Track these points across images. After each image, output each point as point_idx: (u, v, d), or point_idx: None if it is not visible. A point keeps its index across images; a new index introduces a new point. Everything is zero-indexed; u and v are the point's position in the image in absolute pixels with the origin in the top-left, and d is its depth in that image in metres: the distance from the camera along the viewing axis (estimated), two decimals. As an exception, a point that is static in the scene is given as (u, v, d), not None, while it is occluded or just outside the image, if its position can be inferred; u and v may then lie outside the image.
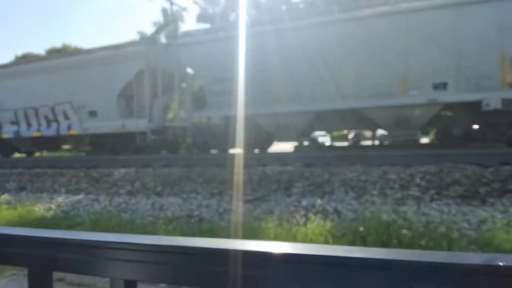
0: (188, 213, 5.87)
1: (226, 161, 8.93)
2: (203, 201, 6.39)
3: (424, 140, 19.96)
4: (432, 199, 5.45)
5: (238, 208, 5.84)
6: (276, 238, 4.01)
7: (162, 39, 14.19)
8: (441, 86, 8.80)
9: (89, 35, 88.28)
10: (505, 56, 8.31)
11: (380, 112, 9.53)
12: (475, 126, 9.18)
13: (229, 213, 5.71)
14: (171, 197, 6.98)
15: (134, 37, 20.92)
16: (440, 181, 5.90)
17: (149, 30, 22.53)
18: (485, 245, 3.23)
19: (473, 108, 8.65)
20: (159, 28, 22.30)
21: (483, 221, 4.33)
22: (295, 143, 12.13)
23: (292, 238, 3.87)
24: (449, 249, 3.12)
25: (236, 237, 4.22)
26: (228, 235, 4.35)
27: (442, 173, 6.18)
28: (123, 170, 8.91)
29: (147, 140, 11.90)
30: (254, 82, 9.97)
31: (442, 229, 3.52)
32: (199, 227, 4.97)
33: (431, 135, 18.63)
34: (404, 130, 9.60)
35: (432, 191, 5.67)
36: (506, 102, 8.15)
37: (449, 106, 9.06)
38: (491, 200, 5.20)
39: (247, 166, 8.15)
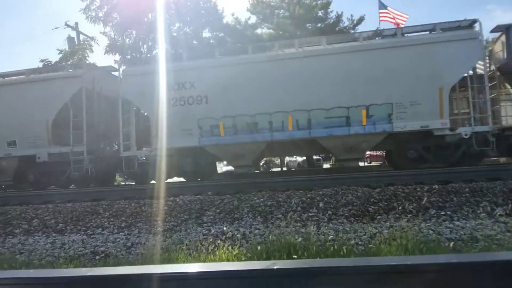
0: (92, 250, 5.57)
1: (136, 193, 8.73)
2: (110, 236, 6.12)
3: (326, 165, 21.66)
4: (329, 219, 6.02)
5: (147, 240, 5.73)
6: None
7: (67, 68, 13.55)
8: None
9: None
10: None
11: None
12: None
13: (137, 246, 5.57)
14: (74, 234, 6.54)
15: (37, 65, 19.35)
16: (336, 202, 6.55)
17: (54, 58, 21.17)
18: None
19: None
20: (65, 56, 21.05)
21: (372, 237, 4.93)
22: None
23: (200, 265, 3.97)
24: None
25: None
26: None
27: (338, 195, 6.88)
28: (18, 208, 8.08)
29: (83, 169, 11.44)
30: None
31: (334, 246, 3.95)
32: (104, 263, 4.77)
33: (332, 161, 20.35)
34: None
35: (330, 212, 6.27)
36: None
37: None
38: (379, 217, 5.92)
39: (157, 197, 8.06)
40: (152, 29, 19.69)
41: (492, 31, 11.94)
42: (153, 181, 11.25)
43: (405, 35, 11.04)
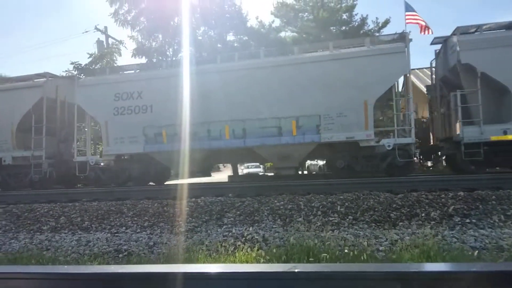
0: (116, 248, 5.74)
1: (159, 193, 8.91)
2: (133, 235, 6.29)
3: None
4: (350, 224, 5.97)
5: (169, 240, 5.85)
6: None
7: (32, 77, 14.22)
8: None
9: (23, 63, 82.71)
10: None
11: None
12: None
13: (159, 246, 5.70)
14: (99, 232, 6.75)
15: (68, 67, 20.13)
16: (357, 207, 6.48)
17: (84, 61, 21.95)
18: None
19: None
20: (94, 60, 21.76)
21: (394, 243, 4.86)
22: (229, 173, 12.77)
23: (220, 266, 4.03)
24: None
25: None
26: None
27: (359, 199, 6.80)
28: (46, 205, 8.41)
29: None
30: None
31: (355, 252, 3.92)
32: (127, 261, 4.91)
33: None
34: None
35: (350, 217, 6.21)
36: None
37: None
38: (400, 223, 5.82)
39: (179, 197, 8.21)
40: (178, 33, 20.09)
41: (432, 43, 11.94)
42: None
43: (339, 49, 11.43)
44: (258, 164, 24.05)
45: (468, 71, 10.36)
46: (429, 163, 13.47)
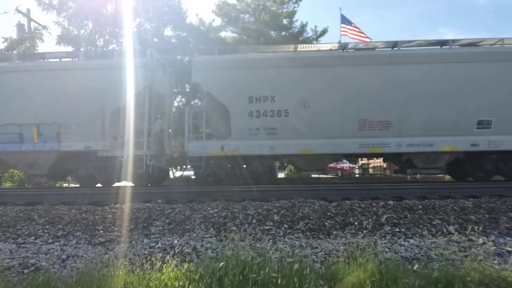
0: (21, 262, 4.92)
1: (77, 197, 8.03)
2: (43, 247, 5.46)
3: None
4: (285, 234, 5.76)
5: (86, 252, 5.16)
6: (127, 286, 3.62)
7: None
8: None
9: None
10: None
11: None
12: None
13: (74, 259, 4.99)
14: (1, 243, 5.79)
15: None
16: (293, 216, 6.31)
17: (-1, 46, 19.42)
18: (331, 279, 3.48)
19: None
20: (11, 45, 19.39)
21: (329, 254, 4.73)
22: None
23: (144, 286, 3.54)
24: (300, 285, 3.26)
25: (77, 288, 3.66)
26: (70, 287, 3.75)
27: (295, 207, 6.66)
28: None
29: None
30: None
31: (296, 266, 3.68)
32: (33, 279, 4.17)
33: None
34: None
35: (286, 225, 6.01)
36: None
37: None
38: (335, 232, 5.74)
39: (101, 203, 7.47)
40: (110, 22, 18.73)
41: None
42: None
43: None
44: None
45: (197, 90, 11.39)
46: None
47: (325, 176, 20.31)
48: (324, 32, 22.11)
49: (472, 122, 10.76)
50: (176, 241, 5.20)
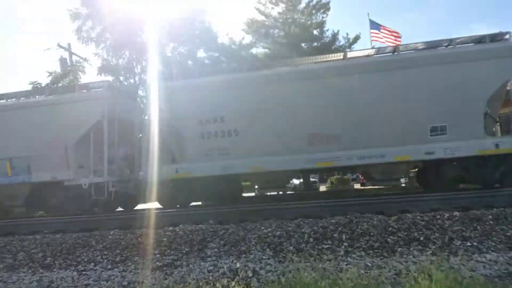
0: (84, 291, 4.96)
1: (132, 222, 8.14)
2: (103, 273, 5.50)
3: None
4: (346, 252, 5.48)
5: (145, 278, 5.14)
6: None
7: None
8: None
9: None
10: None
11: None
12: None
13: (134, 285, 4.97)
14: (63, 270, 5.90)
15: (27, 87, 18.70)
16: (352, 232, 6.02)
17: (44, 80, 20.54)
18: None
19: None
20: (56, 79, 20.51)
21: (398, 274, 4.41)
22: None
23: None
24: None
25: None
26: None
27: (352, 223, 6.36)
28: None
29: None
30: None
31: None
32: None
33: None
34: None
35: (345, 243, 5.73)
36: None
37: None
38: (399, 249, 5.37)
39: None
40: (146, 50, 19.40)
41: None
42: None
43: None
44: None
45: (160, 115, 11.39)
46: None
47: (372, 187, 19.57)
48: (356, 39, 21.76)
49: (425, 129, 10.05)
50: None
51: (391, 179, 11.34)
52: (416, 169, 12.33)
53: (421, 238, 5.49)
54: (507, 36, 10.39)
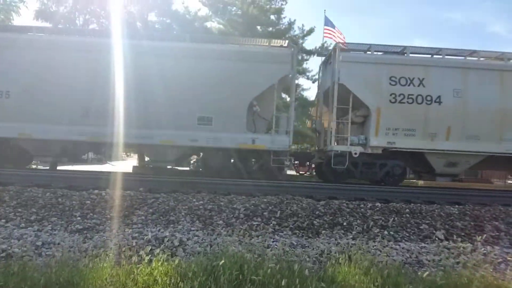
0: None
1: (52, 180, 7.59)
2: (15, 231, 5.05)
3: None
4: (274, 230, 5.59)
5: (63, 240, 4.80)
6: (112, 280, 3.34)
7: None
8: None
9: None
10: None
11: None
12: None
13: (49, 246, 4.63)
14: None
15: None
16: (281, 212, 6.16)
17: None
18: (331, 282, 3.34)
19: None
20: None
21: (321, 254, 4.59)
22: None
23: (132, 280, 3.28)
24: (302, 286, 3.10)
25: (57, 280, 3.34)
26: (47, 278, 3.42)
27: (283, 204, 6.51)
28: None
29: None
30: None
31: (296, 266, 3.51)
32: (6, 267, 3.80)
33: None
34: None
35: (274, 222, 5.85)
36: None
37: None
38: (324, 231, 5.61)
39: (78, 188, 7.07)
40: (91, 1, 17.93)
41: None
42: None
43: None
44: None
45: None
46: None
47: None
48: (311, 31, 22.08)
49: (193, 118, 10.88)
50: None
51: (164, 161, 11.50)
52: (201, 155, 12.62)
53: (345, 224, 5.79)
54: (285, 44, 11.59)
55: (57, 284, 3.22)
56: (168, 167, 11.86)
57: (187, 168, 16.53)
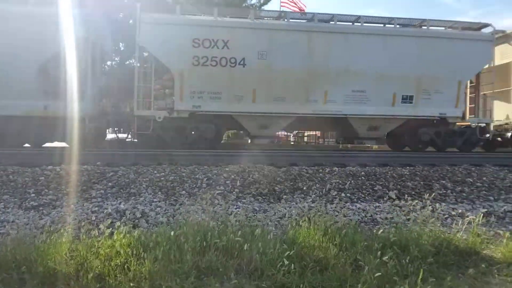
0: None
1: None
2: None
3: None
4: (237, 197, 5.68)
5: (18, 218, 4.61)
6: (72, 254, 3.27)
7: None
8: None
9: None
10: None
11: None
12: None
13: (3, 224, 4.44)
14: None
15: None
16: (243, 180, 6.25)
17: None
18: (292, 243, 3.48)
19: None
20: None
21: (282, 217, 4.75)
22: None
23: (93, 254, 3.23)
24: (264, 250, 3.21)
25: (13, 258, 3.23)
26: (3, 256, 3.29)
27: (245, 172, 6.60)
28: None
29: None
30: None
31: (258, 230, 3.61)
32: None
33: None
34: None
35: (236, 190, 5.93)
36: None
37: None
38: (285, 196, 5.78)
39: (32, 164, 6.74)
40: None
41: None
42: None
43: None
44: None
45: None
46: None
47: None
48: (267, 0, 21.68)
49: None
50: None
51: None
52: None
53: (304, 188, 5.99)
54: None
55: (13, 262, 3.11)
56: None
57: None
